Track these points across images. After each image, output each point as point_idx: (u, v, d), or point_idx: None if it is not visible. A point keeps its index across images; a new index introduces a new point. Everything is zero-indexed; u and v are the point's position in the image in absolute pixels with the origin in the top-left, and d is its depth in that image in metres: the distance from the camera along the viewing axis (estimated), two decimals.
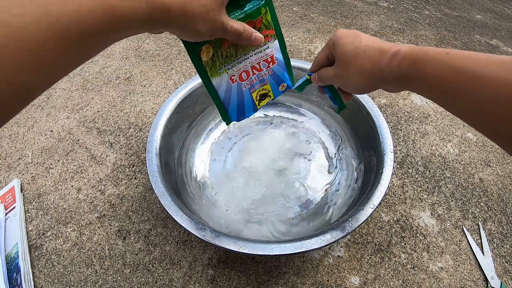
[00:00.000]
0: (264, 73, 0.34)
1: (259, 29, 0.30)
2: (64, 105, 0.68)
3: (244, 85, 0.34)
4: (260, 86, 0.36)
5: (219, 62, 0.31)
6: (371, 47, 0.27)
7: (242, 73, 0.33)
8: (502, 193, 0.53)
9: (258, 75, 0.34)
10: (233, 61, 0.32)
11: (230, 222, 0.45)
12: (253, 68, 0.34)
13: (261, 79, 0.35)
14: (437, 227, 0.48)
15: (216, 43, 0.30)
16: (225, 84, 0.33)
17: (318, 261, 0.44)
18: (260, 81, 0.35)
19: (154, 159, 0.42)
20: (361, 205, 0.37)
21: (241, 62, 0.32)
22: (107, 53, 0.81)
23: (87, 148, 0.59)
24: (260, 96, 0.36)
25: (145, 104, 0.66)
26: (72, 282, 0.44)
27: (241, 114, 0.37)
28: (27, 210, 0.51)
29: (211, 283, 0.43)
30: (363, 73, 0.28)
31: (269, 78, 0.35)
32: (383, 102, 0.66)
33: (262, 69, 0.34)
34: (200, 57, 0.30)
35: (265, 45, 0.32)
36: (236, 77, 0.33)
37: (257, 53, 0.33)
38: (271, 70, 0.35)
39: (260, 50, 0.32)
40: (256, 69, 0.34)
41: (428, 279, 0.43)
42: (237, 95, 0.35)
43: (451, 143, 0.59)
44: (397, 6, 1.00)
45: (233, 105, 0.35)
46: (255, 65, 0.33)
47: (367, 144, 0.49)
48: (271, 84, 0.36)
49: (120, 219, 0.49)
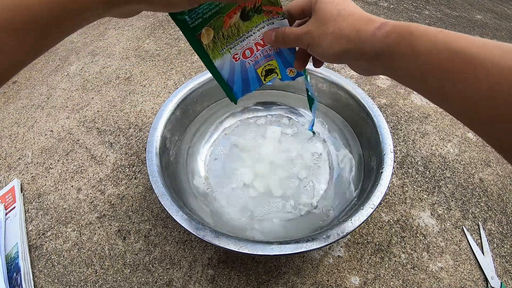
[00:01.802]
0: (268, 48, 0.33)
1: (260, 4, 0.28)
2: (64, 105, 0.68)
3: (248, 62, 0.33)
4: (265, 62, 0.34)
5: (221, 43, 0.30)
6: (358, 13, 0.24)
7: (246, 51, 0.32)
8: (502, 193, 0.53)
9: (262, 51, 0.33)
10: (235, 39, 0.31)
11: (230, 221, 0.45)
12: (257, 45, 0.32)
13: (266, 54, 0.33)
14: (437, 227, 0.48)
15: (216, 23, 0.28)
16: (228, 63, 0.32)
17: (318, 261, 0.44)
18: (265, 56, 0.34)
19: (154, 159, 0.42)
20: (361, 205, 0.37)
21: (243, 40, 0.31)
22: (107, 53, 0.81)
23: (87, 148, 0.59)
24: (266, 72, 0.35)
25: (145, 104, 0.66)
26: (72, 282, 0.44)
27: (246, 89, 0.36)
28: (27, 210, 0.51)
29: (211, 283, 0.43)
30: (340, 38, 0.24)
31: (275, 55, 0.34)
32: (383, 102, 0.66)
33: (266, 44, 0.32)
34: (200, 41, 0.29)
35: (269, 20, 0.30)
36: (239, 55, 0.32)
37: (260, 29, 0.31)
38: (277, 48, 0.33)
39: (263, 26, 0.31)
40: (260, 45, 0.32)
41: (428, 279, 0.43)
42: (241, 72, 0.34)
43: (451, 143, 0.59)
44: (397, 6, 1.00)
45: (237, 83, 0.34)
46: (259, 41, 0.32)
47: (367, 144, 0.49)
48: (278, 61, 0.34)
49: (120, 219, 0.49)
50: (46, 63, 0.81)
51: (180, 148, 0.51)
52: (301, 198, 0.47)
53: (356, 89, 0.50)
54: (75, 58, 0.81)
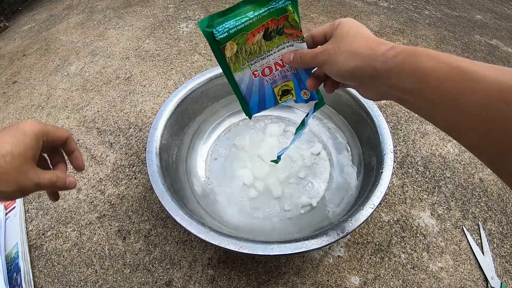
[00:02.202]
0: (287, 69, 0.34)
1: (282, 26, 0.30)
2: (64, 105, 0.68)
3: (266, 80, 0.35)
4: (282, 82, 0.36)
5: (242, 58, 0.32)
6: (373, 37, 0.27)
7: (265, 69, 0.34)
8: (502, 193, 0.53)
9: (280, 71, 0.34)
10: (257, 57, 0.32)
11: (230, 221, 0.45)
12: (276, 64, 0.34)
13: (284, 74, 0.35)
14: (437, 227, 0.48)
15: (240, 39, 0.30)
16: (247, 79, 0.34)
17: (318, 261, 0.44)
18: (282, 77, 0.35)
19: (154, 159, 0.42)
20: (361, 205, 0.37)
21: (264, 58, 0.33)
22: (107, 53, 0.81)
23: (87, 148, 0.59)
24: (282, 92, 0.36)
25: (145, 104, 0.66)
26: (72, 282, 0.44)
27: (262, 106, 0.37)
28: (27, 210, 0.51)
29: (211, 283, 0.43)
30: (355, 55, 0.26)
31: (292, 76, 0.35)
32: (383, 102, 0.66)
33: (285, 65, 0.34)
34: (224, 54, 0.31)
35: (289, 42, 0.32)
36: (258, 72, 0.34)
37: (280, 50, 0.32)
38: (294, 69, 0.34)
39: (283, 47, 0.32)
40: (279, 65, 0.34)
41: (428, 279, 0.43)
42: (259, 89, 0.35)
43: (451, 143, 0.59)
44: (397, 6, 1.00)
45: (254, 99, 0.36)
46: (278, 61, 0.33)
47: (367, 144, 0.49)
48: (294, 83, 0.36)
49: (120, 219, 0.49)
50: (46, 63, 0.81)
51: (180, 148, 0.51)
52: (301, 198, 0.47)
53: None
54: (75, 58, 0.81)
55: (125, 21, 0.94)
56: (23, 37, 0.95)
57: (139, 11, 0.98)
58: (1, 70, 0.81)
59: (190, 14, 0.94)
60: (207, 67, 0.74)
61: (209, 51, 0.79)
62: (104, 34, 0.89)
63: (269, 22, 0.30)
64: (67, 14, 1.03)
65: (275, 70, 0.34)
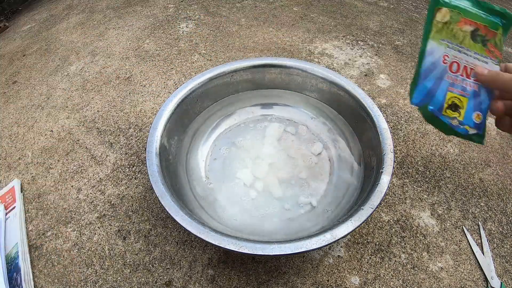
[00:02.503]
0: (470, 82, 0.32)
1: (489, 39, 0.31)
2: (64, 105, 0.68)
3: (449, 75, 0.32)
4: (458, 92, 0.32)
5: (445, 33, 0.32)
6: None
7: (454, 64, 0.32)
8: (502, 193, 0.53)
9: (463, 79, 0.32)
10: (457, 44, 0.32)
11: (230, 221, 0.45)
12: (465, 68, 0.32)
13: (464, 86, 0.32)
14: (437, 227, 0.48)
15: (455, 17, 0.31)
16: (436, 55, 0.32)
17: (318, 261, 0.44)
18: (462, 87, 0.32)
19: (154, 159, 0.42)
20: (361, 205, 0.37)
21: (461, 52, 0.32)
22: (107, 53, 0.81)
23: (87, 148, 0.59)
24: (451, 104, 0.33)
25: (145, 104, 0.66)
26: (72, 282, 0.44)
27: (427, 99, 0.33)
28: (27, 210, 0.51)
29: (211, 283, 0.43)
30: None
31: (471, 93, 0.32)
32: (383, 102, 0.66)
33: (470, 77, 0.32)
34: (435, 15, 0.32)
35: (486, 58, 0.31)
36: (449, 60, 0.32)
37: (475, 57, 0.31)
38: (477, 86, 0.32)
39: (479, 58, 0.31)
40: (466, 71, 0.32)
41: (428, 279, 0.43)
42: (437, 78, 0.32)
43: (451, 143, 0.59)
44: (397, 6, 1.00)
45: (427, 83, 0.33)
46: (468, 68, 0.32)
47: (367, 144, 0.49)
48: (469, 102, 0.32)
49: (120, 219, 0.49)
50: (46, 63, 0.81)
51: (180, 148, 0.51)
52: (301, 198, 0.47)
53: (356, 89, 0.50)
54: (75, 58, 0.81)
55: (125, 21, 0.94)
56: (23, 37, 0.95)
57: (139, 11, 0.98)
58: (1, 70, 0.81)
59: (190, 14, 0.94)
60: (207, 67, 0.74)
61: (209, 51, 0.79)
62: (104, 34, 0.89)
63: (481, 25, 0.31)
64: (67, 14, 1.03)
65: (460, 74, 0.32)
